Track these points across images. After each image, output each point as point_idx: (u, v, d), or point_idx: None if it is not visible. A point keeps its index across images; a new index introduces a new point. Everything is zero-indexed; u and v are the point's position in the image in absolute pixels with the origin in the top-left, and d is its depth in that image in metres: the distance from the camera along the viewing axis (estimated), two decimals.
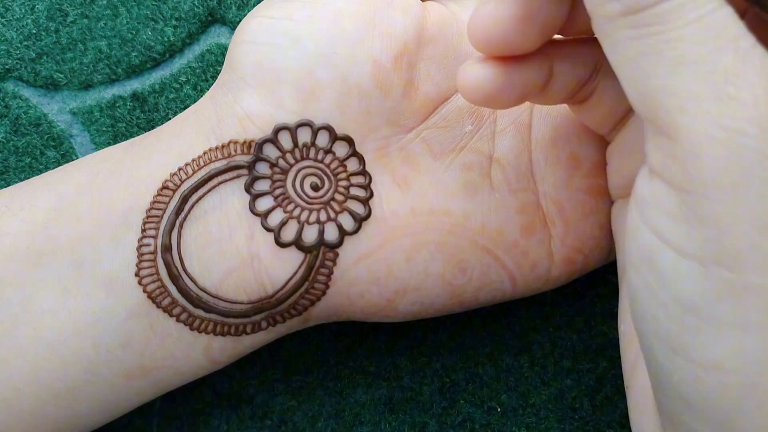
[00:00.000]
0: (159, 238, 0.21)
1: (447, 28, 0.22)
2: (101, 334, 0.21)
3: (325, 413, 0.26)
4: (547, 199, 0.23)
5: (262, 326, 0.22)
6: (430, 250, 0.22)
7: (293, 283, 0.21)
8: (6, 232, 0.21)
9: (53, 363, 0.21)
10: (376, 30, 0.21)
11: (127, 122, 0.28)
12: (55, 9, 0.28)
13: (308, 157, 0.21)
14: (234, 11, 0.28)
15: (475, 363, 0.26)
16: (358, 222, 0.21)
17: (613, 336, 0.26)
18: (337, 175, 0.21)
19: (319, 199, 0.21)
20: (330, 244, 0.21)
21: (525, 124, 0.23)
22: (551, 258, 0.23)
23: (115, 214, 0.21)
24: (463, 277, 0.22)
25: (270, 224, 0.21)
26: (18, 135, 0.27)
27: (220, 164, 0.21)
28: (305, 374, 0.26)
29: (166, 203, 0.21)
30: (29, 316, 0.21)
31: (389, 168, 0.22)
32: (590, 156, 0.23)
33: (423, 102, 0.22)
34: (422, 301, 0.22)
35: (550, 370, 0.26)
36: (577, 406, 0.26)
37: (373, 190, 0.22)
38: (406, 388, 0.26)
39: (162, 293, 0.21)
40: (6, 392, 0.21)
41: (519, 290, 0.23)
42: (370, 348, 0.26)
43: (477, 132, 0.23)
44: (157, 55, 0.28)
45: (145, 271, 0.21)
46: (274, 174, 0.21)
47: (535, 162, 0.23)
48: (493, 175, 0.23)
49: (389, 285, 0.22)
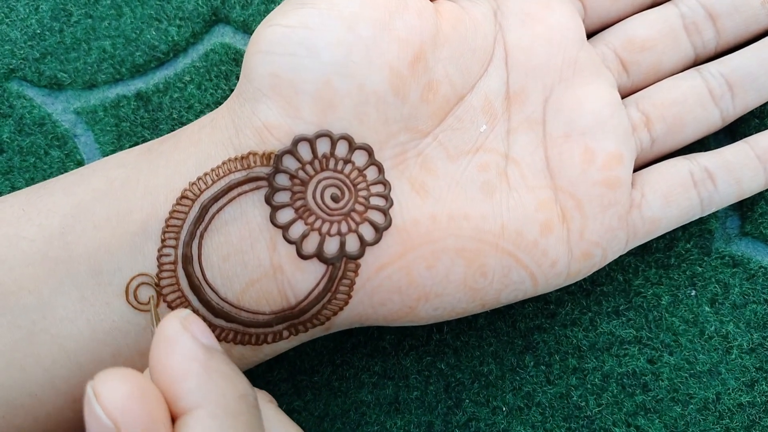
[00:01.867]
0: (179, 248, 0.21)
1: (460, 25, 0.22)
2: (120, 342, 0.21)
3: (331, 413, 0.26)
4: (564, 195, 0.23)
5: (284, 335, 0.22)
6: (451, 256, 0.22)
7: (316, 294, 0.21)
8: (23, 237, 0.21)
9: (71, 370, 0.21)
10: (392, 34, 0.21)
11: (131, 122, 0.27)
12: (59, 9, 0.28)
13: (328, 167, 0.21)
14: (238, 10, 0.28)
15: (480, 362, 0.26)
16: (379, 232, 0.21)
17: (619, 334, 0.26)
18: (357, 185, 0.21)
19: (340, 211, 0.21)
20: (351, 255, 0.21)
21: (538, 120, 0.23)
22: (570, 254, 0.23)
23: (133, 223, 0.21)
24: (485, 280, 0.22)
25: (291, 236, 0.21)
26: (22, 135, 0.27)
27: (239, 175, 0.21)
28: (311, 374, 0.26)
29: (186, 213, 0.21)
30: (47, 323, 0.20)
31: (407, 174, 0.22)
32: (605, 147, 0.23)
33: (440, 104, 0.22)
34: (444, 306, 0.22)
35: (556, 368, 0.26)
36: (583, 405, 0.26)
37: (392, 198, 0.22)
38: (411, 388, 0.26)
39: (182, 303, 0.21)
40: (23, 398, 0.21)
41: (540, 288, 0.23)
42: (375, 348, 0.26)
43: (492, 131, 0.23)
44: (161, 54, 0.28)
45: (165, 281, 0.21)
46: (294, 185, 0.21)
47: (550, 158, 0.23)
48: (510, 174, 0.23)
49: (411, 293, 0.22)
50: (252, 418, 0.17)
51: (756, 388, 0.25)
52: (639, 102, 0.24)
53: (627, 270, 0.26)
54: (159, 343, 0.17)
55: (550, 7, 0.24)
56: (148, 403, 0.16)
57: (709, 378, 0.25)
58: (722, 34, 0.25)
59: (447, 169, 0.22)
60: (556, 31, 0.23)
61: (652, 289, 0.26)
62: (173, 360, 0.16)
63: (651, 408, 0.25)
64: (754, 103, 0.25)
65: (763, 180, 0.25)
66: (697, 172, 0.24)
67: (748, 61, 0.25)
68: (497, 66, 0.23)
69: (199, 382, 0.16)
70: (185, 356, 0.16)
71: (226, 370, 0.17)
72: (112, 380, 0.16)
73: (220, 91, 0.28)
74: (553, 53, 0.23)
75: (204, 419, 0.16)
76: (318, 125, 0.21)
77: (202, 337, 0.17)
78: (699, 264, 0.26)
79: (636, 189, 0.24)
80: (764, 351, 0.25)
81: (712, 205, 0.25)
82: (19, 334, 0.20)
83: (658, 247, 0.26)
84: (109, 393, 0.15)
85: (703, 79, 0.25)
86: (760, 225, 0.26)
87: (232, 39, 0.28)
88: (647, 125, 0.24)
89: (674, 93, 0.24)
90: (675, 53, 0.25)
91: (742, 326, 0.26)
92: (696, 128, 0.25)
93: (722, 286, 0.26)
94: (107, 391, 0.15)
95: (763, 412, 0.25)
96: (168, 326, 0.17)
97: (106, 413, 0.15)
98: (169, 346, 0.17)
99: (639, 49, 0.25)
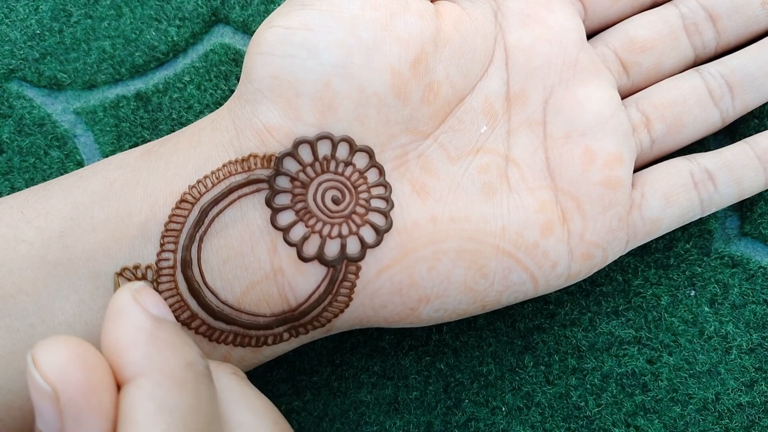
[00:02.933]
0: (178, 252, 0.21)
1: (461, 26, 0.22)
2: None
3: (330, 413, 0.26)
4: (564, 196, 0.23)
5: (284, 338, 0.22)
6: (452, 258, 0.22)
7: (316, 297, 0.21)
8: (22, 239, 0.21)
9: None
10: (393, 35, 0.21)
11: (130, 122, 0.27)
12: (59, 9, 0.28)
13: (328, 170, 0.21)
14: (237, 11, 0.28)
15: (480, 362, 0.26)
16: (380, 235, 0.21)
17: (618, 334, 0.26)
18: (358, 187, 0.21)
19: (341, 213, 0.21)
20: (352, 257, 0.21)
21: (539, 121, 0.23)
22: (571, 255, 0.23)
23: (132, 226, 0.21)
24: (485, 281, 0.22)
25: (292, 239, 0.21)
26: (22, 135, 0.27)
27: (239, 177, 0.21)
28: (310, 374, 0.26)
29: (185, 216, 0.21)
30: (45, 327, 0.20)
31: (408, 176, 0.22)
32: (605, 148, 0.23)
33: (441, 105, 0.22)
34: (445, 308, 0.22)
35: (555, 369, 0.26)
36: (582, 405, 0.26)
37: (393, 200, 0.21)
38: (410, 388, 0.26)
39: (181, 307, 0.21)
40: (22, 402, 0.20)
41: (541, 289, 0.23)
42: (374, 348, 0.26)
43: (492, 132, 0.23)
44: (161, 54, 0.28)
45: (164, 286, 0.21)
46: (295, 188, 0.21)
47: (550, 158, 0.23)
48: (510, 175, 0.23)
49: (412, 294, 0.22)
50: (200, 386, 0.17)
51: (755, 388, 0.25)
52: (639, 102, 0.24)
53: (626, 270, 0.26)
54: (109, 315, 0.17)
55: (551, 8, 0.24)
56: (89, 370, 0.16)
57: (709, 378, 0.25)
58: (722, 35, 0.25)
59: (448, 171, 0.22)
60: (556, 32, 0.23)
61: (651, 290, 0.26)
62: (120, 331, 0.16)
63: (650, 408, 0.25)
64: (754, 103, 0.25)
65: (763, 180, 0.25)
66: (697, 172, 0.24)
67: (747, 62, 0.25)
68: (497, 67, 0.23)
69: (145, 351, 0.16)
70: (132, 326, 0.16)
71: (173, 340, 0.17)
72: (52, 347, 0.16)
73: (219, 91, 0.28)
74: (554, 54, 0.23)
75: (146, 387, 0.16)
76: (318, 127, 0.21)
77: (154, 308, 0.17)
78: (698, 264, 0.26)
79: (636, 189, 0.24)
80: (763, 351, 0.25)
81: (712, 206, 0.25)
82: (18, 338, 0.20)
83: (657, 248, 0.26)
84: (47, 359, 0.15)
85: (703, 79, 0.25)
86: (760, 225, 0.26)
87: (232, 39, 0.28)
88: (647, 126, 0.24)
89: (674, 93, 0.24)
90: (675, 54, 0.25)
91: (742, 326, 0.26)
92: (696, 129, 0.25)
93: (722, 286, 0.26)
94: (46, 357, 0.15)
95: (763, 412, 0.25)
96: (119, 298, 0.17)
97: (44, 378, 0.15)
98: (117, 318, 0.17)
99: (639, 49, 0.25)
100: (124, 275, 0.20)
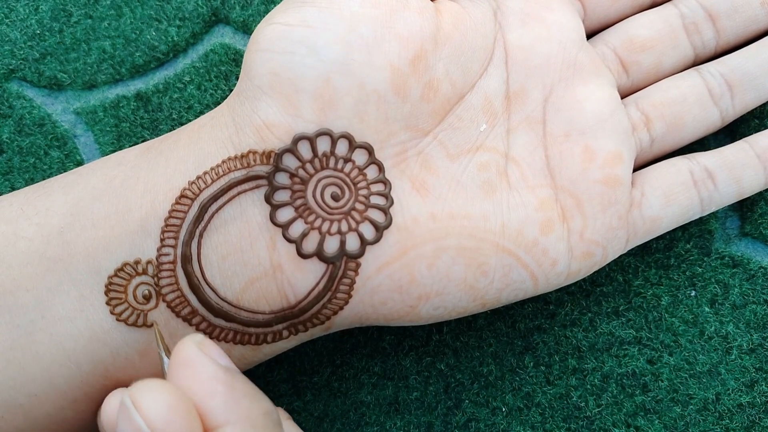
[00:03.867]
0: (178, 247, 0.21)
1: (461, 24, 0.22)
2: (119, 342, 0.21)
3: (331, 414, 0.26)
4: (564, 194, 0.23)
5: (284, 335, 0.22)
6: (452, 255, 0.22)
7: (316, 293, 0.21)
8: (22, 236, 0.21)
9: (71, 369, 0.21)
10: (393, 33, 0.21)
11: (130, 122, 0.27)
12: (59, 9, 0.28)
13: (328, 166, 0.21)
14: (238, 11, 0.28)
15: (480, 363, 0.26)
16: (379, 231, 0.21)
17: (618, 334, 0.26)
18: (357, 184, 0.21)
19: (340, 209, 0.21)
20: (351, 254, 0.21)
21: (538, 119, 0.23)
22: (571, 253, 0.23)
23: (132, 222, 0.21)
24: (485, 279, 0.22)
25: (291, 235, 0.21)
26: (22, 135, 0.27)
27: (239, 174, 0.21)
28: (310, 374, 0.26)
29: (185, 212, 0.21)
30: (46, 323, 0.20)
31: (408, 173, 0.22)
32: (605, 146, 0.23)
33: (440, 103, 0.22)
34: (445, 306, 0.22)
35: (555, 369, 0.26)
36: (583, 406, 0.26)
37: (392, 197, 0.21)
38: (411, 388, 0.26)
39: (181, 303, 0.21)
40: (22, 398, 0.21)
41: (540, 287, 0.23)
42: (375, 348, 0.26)
43: (492, 130, 0.23)
44: (161, 55, 0.28)
45: (164, 281, 0.21)
46: (294, 184, 0.21)
47: (550, 157, 0.23)
48: (510, 173, 0.23)
49: (412, 292, 0.22)
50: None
51: (756, 388, 0.25)
52: (639, 102, 0.25)
53: (627, 270, 0.26)
54: (178, 366, 0.17)
55: (550, 7, 0.24)
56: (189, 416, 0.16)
57: (709, 378, 0.25)
58: (722, 34, 0.25)
59: (447, 168, 0.22)
60: (555, 31, 0.23)
61: (651, 290, 0.26)
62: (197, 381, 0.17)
63: (651, 408, 0.25)
64: (754, 102, 0.25)
65: (763, 179, 0.25)
66: (697, 171, 0.24)
67: (747, 61, 0.25)
68: (497, 65, 0.23)
69: (226, 401, 0.17)
70: (208, 377, 0.17)
71: (249, 390, 0.17)
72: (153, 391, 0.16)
73: (219, 91, 0.28)
74: (553, 53, 0.23)
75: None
76: (318, 124, 0.21)
77: (220, 359, 0.17)
78: (699, 264, 0.26)
79: (636, 188, 0.24)
80: (764, 351, 0.25)
81: (712, 205, 0.25)
82: (18, 334, 0.20)
83: (657, 248, 0.26)
84: (151, 404, 0.16)
85: (703, 78, 0.25)
86: (760, 225, 0.26)
87: (232, 39, 0.28)
88: (647, 125, 0.24)
89: (674, 93, 0.24)
90: (675, 53, 0.25)
91: (742, 327, 0.26)
92: (695, 128, 0.25)
93: (722, 286, 0.26)
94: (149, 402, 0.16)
95: (763, 412, 0.25)
96: (184, 349, 0.17)
97: (148, 424, 0.15)
98: (189, 368, 0.17)
99: (639, 49, 0.25)
100: (125, 270, 0.21)
